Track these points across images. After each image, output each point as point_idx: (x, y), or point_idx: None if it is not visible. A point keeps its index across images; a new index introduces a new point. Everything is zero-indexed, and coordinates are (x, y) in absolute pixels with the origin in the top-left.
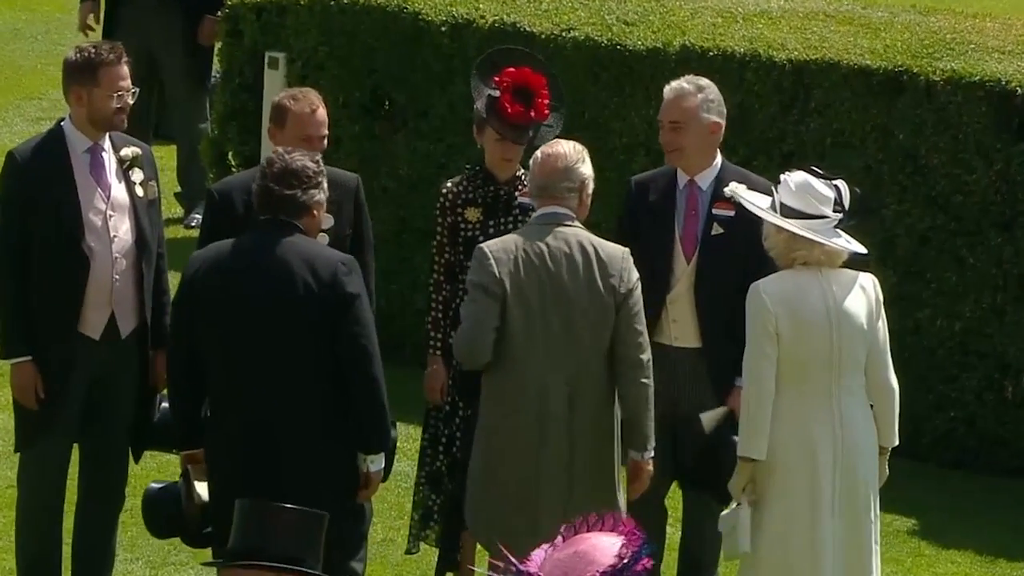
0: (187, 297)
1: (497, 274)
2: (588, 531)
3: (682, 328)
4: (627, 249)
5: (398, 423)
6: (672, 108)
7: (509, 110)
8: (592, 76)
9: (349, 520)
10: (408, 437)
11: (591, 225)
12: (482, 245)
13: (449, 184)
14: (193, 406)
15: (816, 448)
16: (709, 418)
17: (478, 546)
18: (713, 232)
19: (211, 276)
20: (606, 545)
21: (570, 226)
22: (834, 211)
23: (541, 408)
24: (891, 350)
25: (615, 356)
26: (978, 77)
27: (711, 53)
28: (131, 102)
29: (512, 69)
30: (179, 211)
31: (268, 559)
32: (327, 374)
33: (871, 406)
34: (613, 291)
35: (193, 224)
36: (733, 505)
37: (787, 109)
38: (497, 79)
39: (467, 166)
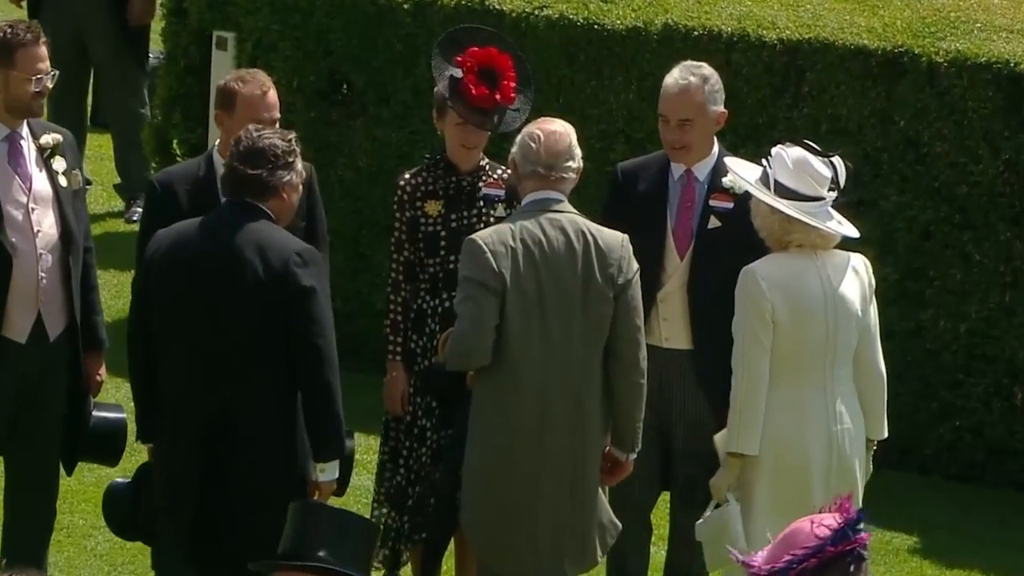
0: (143, 280)
1: (496, 268)
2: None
3: (673, 328)
4: (626, 236)
5: (355, 433)
6: (680, 104)
7: (473, 92)
8: (567, 57)
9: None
10: (368, 449)
11: None
12: (474, 237)
13: (407, 176)
14: (154, 395)
15: (808, 443)
16: (723, 440)
17: None
18: (709, 226)
19: (166, 260)
20: (821, 518)
21: (566, 212)
22: (829, 191)
23: (542, 413)
24: (893, 354)
25: (610, 352)
26: (985, 58)
27: (696, 32)
28: (50, 86)
29: (476, 48)
30: (119, 204)
31: (316, 561)
32: (281, 374)
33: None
34: (612, 282)
35: (135, 219)
36: (709, 511)
37: (778, 93)
38: (460, 59)
39: (426, 156)
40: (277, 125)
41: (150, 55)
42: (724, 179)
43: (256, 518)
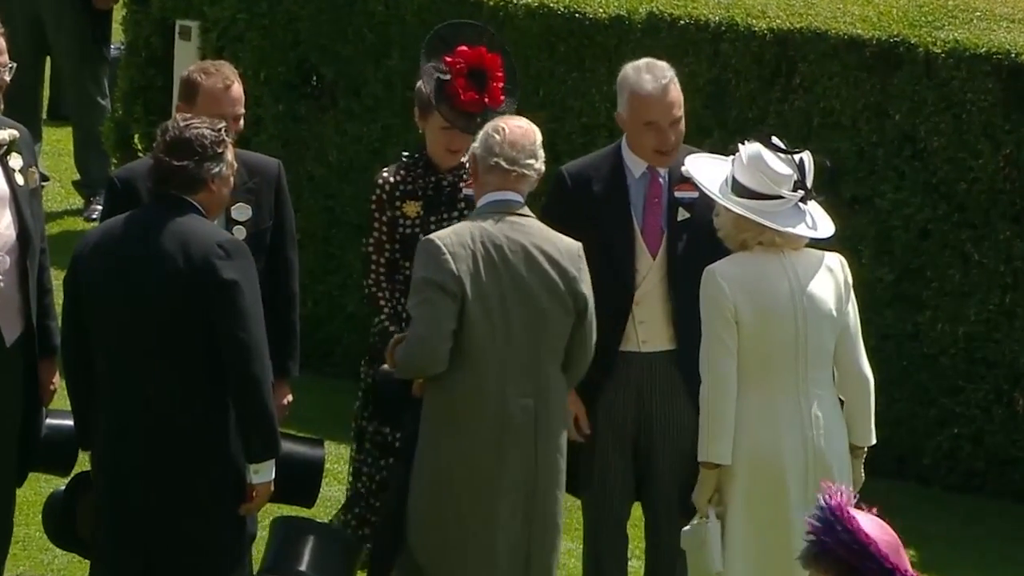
0: (73, 279)
1: (455, 270)
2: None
3: (651, 329)
4: (580, 245)
5: (326, 442)
6: (670, 105)
7: (462, 97)
8: (547, 48)
9: (227, 536)
10: (339, 458)
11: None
12: (432, 237)
13: (385, 174)
14: (91, 400)
15: (783, 451)
16: None
17: None
18: (679, 218)
19: (94, 257)
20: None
21: (526, 215)
22: (794, 190)
23: (503, 425)
24: (889, 358)
25: (566, 364)
26: (984, 49)
27: (682, 22)
28: (7, 79)
29: (466, 48)
30: (78, 201)
31: None
32: (210, 371)
33: (841, 402)
34: (574, 293)
35: (94, 217)
36: (695, 519)
37: (768, 85)
38: (450, 60)
39: (404, 153)
40: (241, 121)
41: (112, 45)
42: (684, 168)
43: (190, 522)
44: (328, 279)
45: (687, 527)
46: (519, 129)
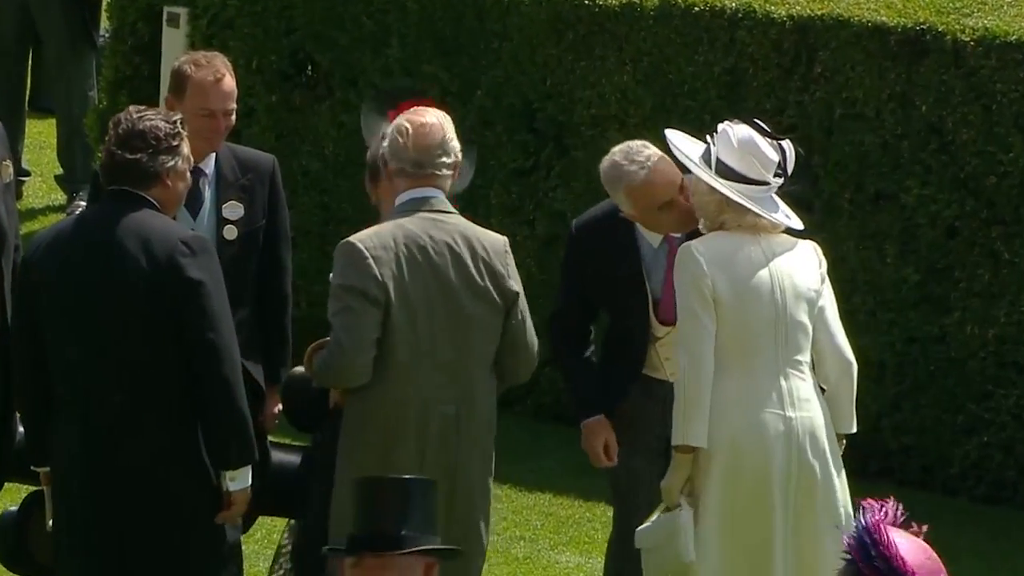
0: (25, 282)
1: (379, 276)
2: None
3: (677, 364)
4: (506, 239)
5: None
6: (669, 183)
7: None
8: (555, 36)
9: (208, 551)
10: None
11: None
12: (352, 240)
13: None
14: (44, 413)
15: (767, 436)
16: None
17: None
18: None
19: (46, 258)
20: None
21: (449, 213)
22: (775, 176)
23: (422, 436)
24: (915, 362)
25: (501, 369)
26: (1015, 37)
27: (696, 8)
28: None
29: (413, 102)
30: (60, 197)
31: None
32: (178, 375)
33: (823, 389)
34: (502, 292)
35: (77, 213)
36: (655, 515)
37: (788, 75)
38: (393, 112)
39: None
40: (232, 117)
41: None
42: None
43: (163, 535)
44: (323, 279)
45: (645, 525)
46: (423, 128)
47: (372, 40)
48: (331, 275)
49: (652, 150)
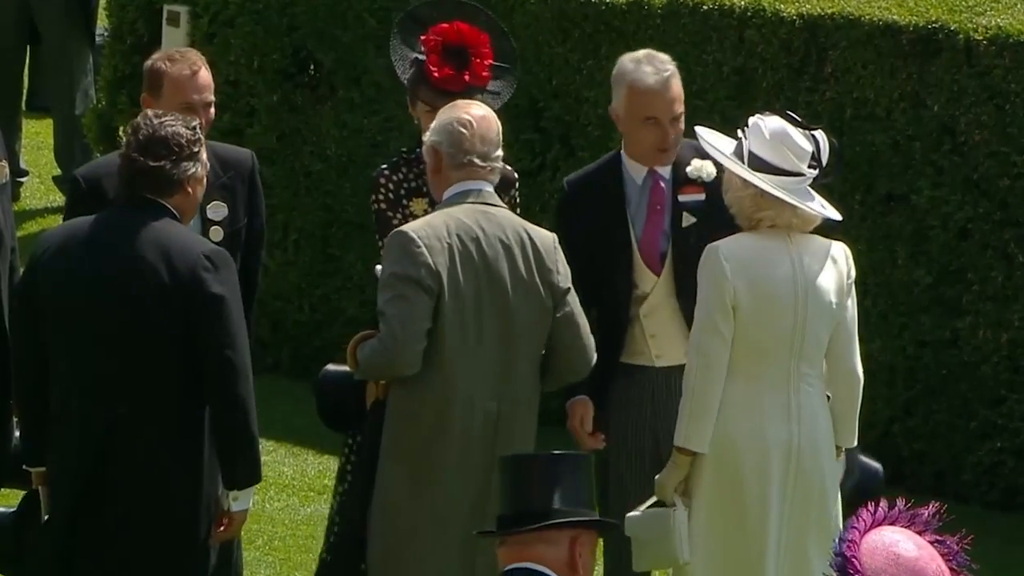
0: (30, 284)
1: (432, 264)
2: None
3: (664, 343)
4: (555, 236)
5: (323, 454)
6: (671, 100)
7: (436, 74)
8: (561, 34)
9: (189, 566)
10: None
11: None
12: (405, 229)
13: (386, 171)
14: (42, 414)
15: (768, 447)
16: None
17: None
18: (684, 224)
19: (56, 262)
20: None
21: (499, 206)
22: (810, 167)
23: (465, 433)
24: (927, 367)
25: (553, 367)
26: None
27: (704, 7)
28: None
29: (443, 25)
30: (59, 198)
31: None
32: (185, 389)
33: (828, 398)
34: (551, 287)
35: (94, 216)
36: (646, 506)
37: (798, 74)
38: (424, 38)
39: (403, 150)
40: (211, 110)
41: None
42: (689, 169)
43: (156, 552)
44: (326, 282)
45: (635, 513)
46: (485, 121)
47: (375, 38)
48: (378, 267)
49: (672, 67)
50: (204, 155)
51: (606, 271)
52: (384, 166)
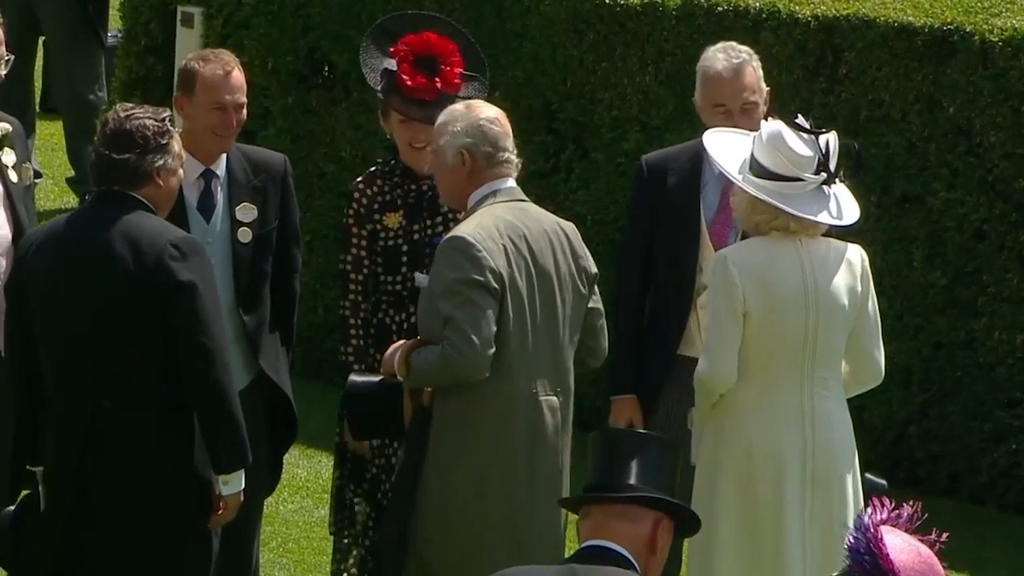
0: (19, 282)
1: (495, 267)
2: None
3: None
4: (572, 224)
5: (335, 457)
6: (741, 87)
7: (409, 83)
8: (576, 36)
9: (188, 552)
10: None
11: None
12: (460, 234)
13: (361, 185)
14: (38, 411)
15: (783, 454)
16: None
17: None
18: None
19: (36, 258)
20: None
21: (528, 201)
22: (816, 172)
23: (533, 431)
24: (942, 369)
25: (583, 352)
26: None
27: (720, 8)
28: (4, 72)
29: (412, 36)
30: (72, 199)
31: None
32: (166, 378)
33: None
34: (585, 273)
35: (69, 213)
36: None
37: (813, 76)
38: (393, 48)
39: (378, 161)
40: (244, 111)
41: (108, 32)
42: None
43: (148, 538)
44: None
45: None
46: (503, 117)
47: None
48: (418, 276)
49: (750, 58)
50: (176, 147)
51: (672, 248)
52: (359, 179)
